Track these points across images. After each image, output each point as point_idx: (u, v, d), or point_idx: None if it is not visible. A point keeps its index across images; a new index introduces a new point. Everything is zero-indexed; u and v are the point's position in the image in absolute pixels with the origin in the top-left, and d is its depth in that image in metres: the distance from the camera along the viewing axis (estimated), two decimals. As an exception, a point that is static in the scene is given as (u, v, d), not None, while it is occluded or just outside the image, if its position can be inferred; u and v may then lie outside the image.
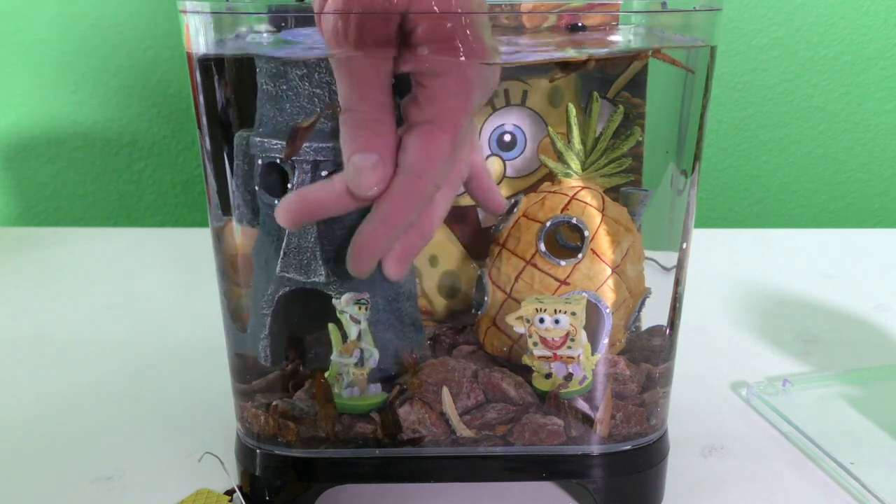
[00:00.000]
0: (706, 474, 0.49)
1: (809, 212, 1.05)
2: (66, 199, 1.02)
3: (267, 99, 0.40)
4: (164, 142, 0.99)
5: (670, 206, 0.43)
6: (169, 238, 0.91)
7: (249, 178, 0.42)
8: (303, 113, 0.40)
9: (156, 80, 0.97)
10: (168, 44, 0.96)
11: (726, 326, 0.70)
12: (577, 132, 0.43)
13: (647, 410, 0.43)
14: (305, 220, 0.40)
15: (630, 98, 0.45)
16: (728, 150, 1.02)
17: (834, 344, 0.66)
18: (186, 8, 0.38)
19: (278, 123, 0.40)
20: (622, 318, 0.44)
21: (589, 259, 0.43)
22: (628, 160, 0.44)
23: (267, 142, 0.40)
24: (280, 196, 0.40)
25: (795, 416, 0.53)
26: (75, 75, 0.97)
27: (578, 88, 0.46)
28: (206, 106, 0.42)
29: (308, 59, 0.39)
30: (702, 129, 0.42)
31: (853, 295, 0.76)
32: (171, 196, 1.02)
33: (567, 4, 0.42)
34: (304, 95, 0.39)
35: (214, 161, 0.43)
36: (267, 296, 0.42)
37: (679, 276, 0.43)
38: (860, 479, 0.46)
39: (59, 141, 0.99)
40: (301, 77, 0.39)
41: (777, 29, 0.97)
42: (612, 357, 0.44)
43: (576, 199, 0.43)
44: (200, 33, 0.39)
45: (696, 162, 0.42)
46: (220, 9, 0.39)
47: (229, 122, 0.42)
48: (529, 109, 0.46)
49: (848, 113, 1.01)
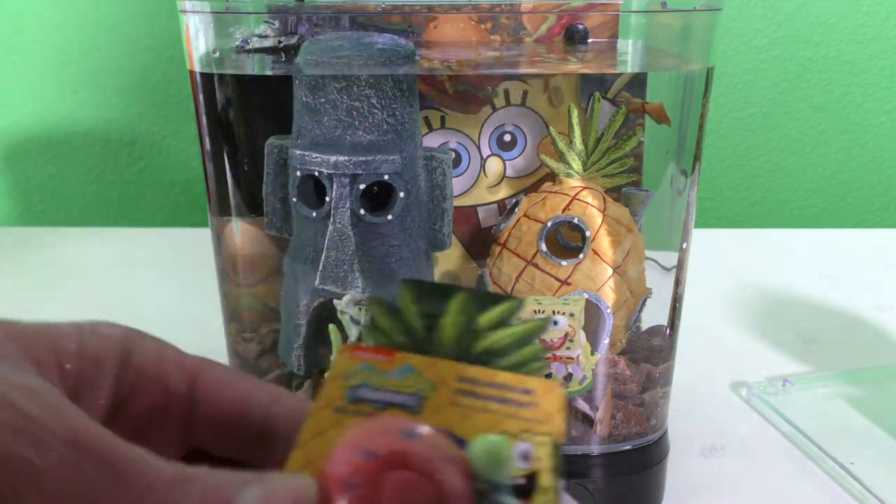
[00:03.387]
0: (706, 474, 0.49)
1: (809, 212, 1.05)
2: (66, 199, 1.02)
3: (305, 111, 0.40)
4: (164, 142, 0.99)
5: (670, 206, 0.43)
6: (169, 238, 0.91)
7: (280, 186, 0.42)
8: (340, 126, 0.39)
9: (156, 80, 0.97)
10: (168, 44, 0.95)
11: (726, 326, 0.70)
12: (578, 132, 0.43)
13: (647, 410, 0.43)
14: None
15: (630, 98, 0.45)
16: (728, 150, 1.02)
17: (834, 344, 0.66)
18: (186, 8, 0.38)
19: (316, 136, 0.40)
20: (623, 319, 0.44)
21: (590, 259, 0.43)
22: (630, 160, 0.44)
23: (307, 154, 0.40)
24: (317, 208, 0.40)
25: (795, 416, 0.53)
26: (75, 75, 0.97)
27: (579, 88, 0.46)
28: (206, 108, 0.42)
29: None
30: (702, 129, 0.42)
31: (853, 295, 0.76)
32: (171, 196, 1.02)
33: (567, 4, 0.42)
34: (343, 108, 0.39)
35: (215, 161, 0.43)
36: (302, 306, 0.42)
37: (679, 276, 0.43)
38: (860, 479, 0.46)
39: (59, 141, 0.99)
40: (340, 90, 0.39)
41: (777, 29, 0.97)
42: (612, 357, 0.43)
43: (577, 199, 0.43)
44: (200, 33, 0.39)
45: (696, 162, 0.42)
46: (220, 9, 0.39)
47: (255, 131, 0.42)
48: (529, 109, 0.46)
49: (848, 113, 1.01)
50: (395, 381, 0.24)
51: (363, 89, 0.39)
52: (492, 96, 0.46)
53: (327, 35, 0.41)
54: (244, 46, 0.42)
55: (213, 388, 0.24)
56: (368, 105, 0.39)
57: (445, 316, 0.25)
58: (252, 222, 0.44)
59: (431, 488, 0.21)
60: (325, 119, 0.40)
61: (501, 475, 0.22)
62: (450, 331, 0.25)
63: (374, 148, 0.39)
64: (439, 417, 0.24)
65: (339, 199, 0.39)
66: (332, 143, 0.40)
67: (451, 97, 0.45)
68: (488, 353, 0.25)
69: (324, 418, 0.24)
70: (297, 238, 0.43)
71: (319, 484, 0.21)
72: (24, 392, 0.20)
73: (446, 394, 0.24)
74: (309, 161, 0.40)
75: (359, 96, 0.39)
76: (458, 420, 0.24)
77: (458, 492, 0.21)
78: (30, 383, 0.20)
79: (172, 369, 0.24)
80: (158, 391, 0.24)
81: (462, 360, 0.25)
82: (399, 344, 0.25)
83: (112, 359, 0.23)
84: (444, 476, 0.21)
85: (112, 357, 0.23)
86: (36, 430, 0.19)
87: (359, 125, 0.39)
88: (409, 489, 0.21)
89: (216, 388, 0.24)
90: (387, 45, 0.39)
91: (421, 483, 0.21)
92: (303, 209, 0.41)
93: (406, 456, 0.21)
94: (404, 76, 0.40)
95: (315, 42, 0.40)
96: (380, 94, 0.39)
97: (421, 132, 0.42)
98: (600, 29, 0.44)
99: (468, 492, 0.21)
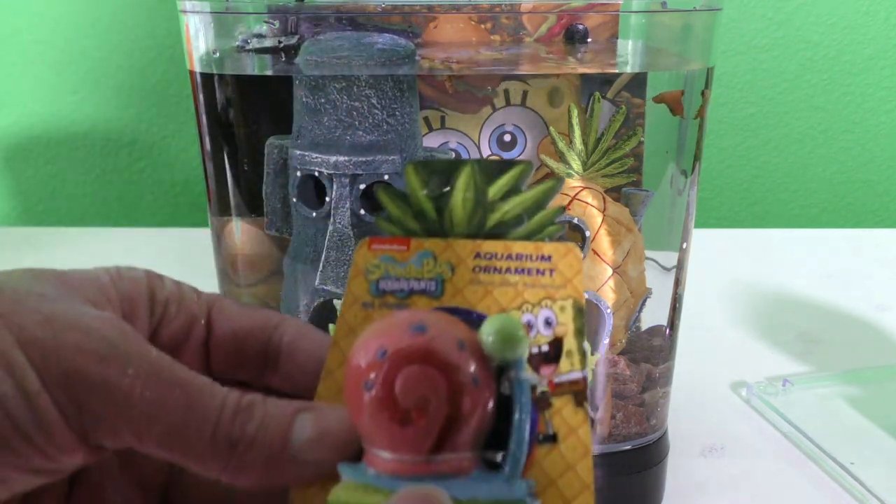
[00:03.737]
0: (706, 474, 0.49)
1: (809, 212, 1.05)
2: (66, 199, 1.02)
3: (305, 111, 0.40)
4: (164, 142, 0.99)
5: (670, 206, 0.43)
6: (169, 238, 0.91)
7: (280, 186, 0.42)
8: (340, 126, 0.40)
9: (156, 80, 0.97)
10: (168, 44, 0.95)
11: (726, 326, 0.70)
12: (578, 132, 0.43)
13: (647, 410, 0.43)
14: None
15: (630, 98, 0.45)
16: (728, 150, 1.02)
17: (834, 344, 0.66)
18: (186, 8, 0.38)
19: (316, 136, 0.40)
20: (623, 319, 0.44)
21: (590, 259, 0.43)
22: (630, 160, 0.44)
23: (307, 154, 0.40)
24: (317, 208, 0.40)
25: (795, 416, 0.53)
26: (75, 75, 0.97)
27: (579, 88, 0.46)
28: (206, 108, 0.42)
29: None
30: (702, 129, 0.42)
31: (853, 295, 0.76)
32: (171, 196, 1.02)
33: (567, 4, 0.42)
34: (343, 108, 0.39)
35: (215, 161, 0.43)
36: (302, 306, 0.42)
37: (679, 276, 0.43)
38: (860, 479, 0.46)
39: (59, 141, 0.99)
40: (340, 90, 0.39)
41: (777, 29, 0.97)
42: (612, 357, 0.44)
43: (577, 199, 0.43)
44: (200, 33, 0.39)
45: (696, 162, 0.42)
46: (220, 9, 0.39)
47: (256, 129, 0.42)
48: (529, 109, 0.46)
49: (848, 113, 1.01)
50: (414, 268, 0.25)
51: (363, 89, 0.39)
52: (492, 96, 0.46)
53: (327, 35, 0.41)
54: (244, 46, 0.42)
55: (227, 315, 0.26)
56: (368, 105, 0.39)
57: (454, 194, 0.25)
58: (252, 222, 0.44)
59: (444, 379, 0.21)
60: (325, 119, 0.40)
61: (515, 353, 0.22)
62: (460, 209, 0.25)
63: (374, 148, 0.39)
64: (460, 297, 0.24)
65: (339, 199, 0.39)
66: (332, 143, 0.40)
67: (451, 97, 0.45)
68: (502, 225, 0.25)
69: (353, 315, 0.24)
70: (297, 238, 0.43)
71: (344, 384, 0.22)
72: (104, 323, 0.21)
73: (465, 273, 0.24)
74: (309, 161, 0.40)
75: (359, 96, 0.39)
76: (480, 297, 0.24)
77: (474, 376, 0.21)
78: (107, 316, 0.22)
79: (191, 302, 0.26)
80: (181, 323, 0.26)
81: (477, 237, 0.25)
82: (413, 231, 0.25)
83: (142, 296, 0.25)
84: (454, 366, 0.21)
85: (142, 295, 0.25)
86: (120, 356, 0.21)
87: (359, 125, 0.39)
88: (422, 383, 0.21)
89: (229, 315, 0.26)
90: (387, 45, 0.39)
91: (433, 375, 0.21)
92: (303, 209, 0.41)
93: (416, 350, 0.21)
94: (404, 76, 0.40)
95: (315, 42, 0.40)
96: (380, 95, 0.39)
97: (421, 132, 0.42)
98: (600, 29, 0.44)
99: (485, 374, 0.22)
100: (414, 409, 0.21)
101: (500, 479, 0.21)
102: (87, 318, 0.21)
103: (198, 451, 0.21)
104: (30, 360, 0.20)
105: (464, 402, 0.21)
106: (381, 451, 0.21)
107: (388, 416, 0.21)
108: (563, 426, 0.22)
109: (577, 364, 0.23)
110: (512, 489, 0.21)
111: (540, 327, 0.23)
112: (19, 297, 0.21)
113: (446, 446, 0.21)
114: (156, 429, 0.21)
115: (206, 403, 0.21)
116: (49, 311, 0.21)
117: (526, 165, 0.25)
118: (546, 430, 0.22)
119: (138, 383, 0.21)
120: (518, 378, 0.22)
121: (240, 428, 0.21)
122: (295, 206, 0.41)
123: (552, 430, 0.22)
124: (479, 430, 0.21)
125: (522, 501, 0.21)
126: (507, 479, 0.21)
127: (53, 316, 0.21)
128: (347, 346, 0.23)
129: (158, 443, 0.21)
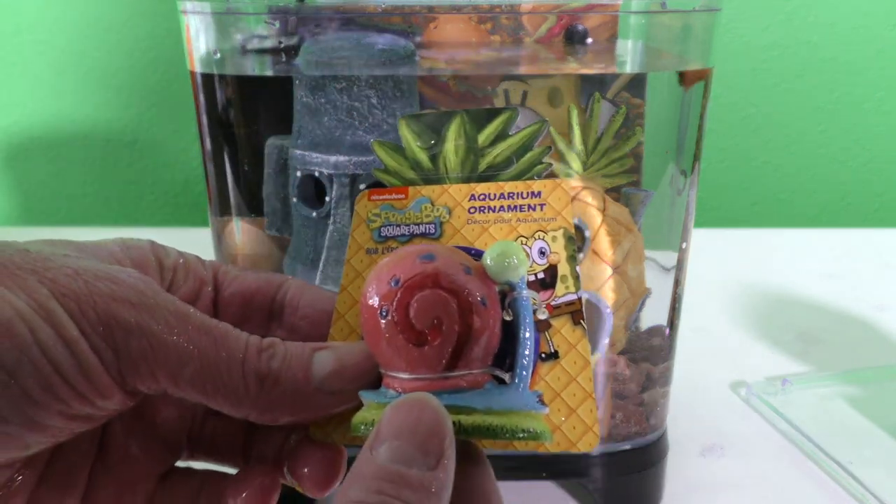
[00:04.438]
0: (706, 474, 0.49)
1: (809, 212, 1.05)
2: (66, 199, 1.02)
3: (305, 111, 0.40)
4: (164, 142, 0.99)
5: (670, 206, 0.43)
6: (169, 238, 0.91)
7: (280, 186, 0.42)
8: (340, 126, 0.40)
9: (156, 80, 0.97)
10: (168, 44, 0.95)
11: (726, 326, 0.70)
12: (578, 132, 0.43)
13: (647, 410, 0.43)
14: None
15: (630, 98, 0.45)
16: (728, 150, 1.02)
17: (834, 344, 0.66)
18: (186, 8, 0.38)
19: (316, 136, 0.40)
20: (623, 319, 0.44)
21: (590, 259, 0.43)
22: (630, 160, 0.44)
23: (307, 155, 0.40)
24: (317, 208, 0.41)
25: (795, 415, 0.53)
26: (75, 75, 0.97)
27: (578, 89, 0.46)
28: (206, 109, 0.42)
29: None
30: (701, 129, 0.42)
31: (853, 295, 0.76)
32: (171, 196, 1.02)
33: (567, 5, 0.42)
34: (343, 109, 0.39)
35: (215, 161, 0.43)
36: None
37: (679, 276, 0.43)
38: (860, 478, 0.46)
39: (59, 141, 0.99)
40: (340, 90, 0.39)
41: (777, 29, 0.97)
42: (612, 357, 0.44)
43: (577, 198, 0.43)
44: (201, 34, 0.39)
45: (695, 162, 0.42)
46: (220, 9, 0.39)
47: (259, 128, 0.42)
48: (529, 109, 0.46)
49: (848, 113, 1.01)
50: (414, 213, 0.27)
51: (363, 89, 0.39)
52: (492, 96, 0.46)
53: (327, 35, 0.41)
54: (244, 47, 0.42)
55: (233, 278, 0.28)
56: (368, 105, 0.39)
57: (446, 142, 0.27)
58: (252, 222, 0.44)
59: (455, 300, 0.22)
60: (325, 119, 0.40)
61: (516, 274, 0.23)
62: (453, 156, 0.27)
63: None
64: (459, 236, 0.26)
65: (339, 199, 0.39)
66: (332, 143, 0.40)
67: (452, 97, 0.45)
68: (493, 168, 0.27)
69: (358, 261, 0.27)
70: (297, 238, 0.43)
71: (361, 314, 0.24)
72: (130, 275, 0.23)
73: (462, 214, 0.26)
74: (309, 161, 0.40)
75: (359, 96, 0.39)
76: (477, 235, 0.26)
77: (481, 296, 0.23)
78: (130, 270, 0.24)
79: (197, 268, 0.28)
80: (190, 286, 0.27)
81: (470, 181, 0.27)
82: (410, 180, 0.27)
83: (151, 263, 0.26)
84: (463, 288, 0.23)
85: (151, 262, 0.26)
86: (150, 304, 0.22)
87: (359, 125, 0.39)
88: (435, 305, 0.22)
89: (235, 278, 0.28)
90: (387, 46, 0.39)
91: (445, 298, 0.22)
92: (303, 209, 0.41)
93: (427, 276, 0.23)
94: (404, 76, 0.40)
95: (315, 42, 0.40)
96: (380, 95, 0.39)
97: (421, 132, 0.42)
98: (600, 29, 0.44)
99: (491, 295, 0.23)
100: (429, 330, 0.22)
101: (512, 390, 0.23)
102: (114, 271, 0.23)
103: (229, 389, 0.22)
104: (66, 309, 0.21)
105: (474, 320, 0.22)
106: (399, 374, 0.23)
107: (405, 339, 0.22)
108: (563, 343, 0.24)
109: (572, 287, 0.25)
110: (523, 397, 0.22)
111: (535, 257, 0.25)
112: (45, 255, 0.22)
113: (459, 363, 0.22)
114: (188, 370, 0.22)
115: (232, 345, 0.23)
116: (77, 266, 0.22)
117: (512, 112, 0.27)
118: (548, 348, 0.24)
119: (169, 328, 0.22)
120: (520, 297, 0.23)
121: (266, 364, 0.23)
122: (295, 207, 0.41)
123: (553, 348, 0.24)
124: (488, 348, 0.23)
125: (532, 408, 0.22)
126: (518, 389, 0.23)
127: (83, 269, 0.22)
128: (355, 291, 0.25)
129: (192, 383, 0.22)
